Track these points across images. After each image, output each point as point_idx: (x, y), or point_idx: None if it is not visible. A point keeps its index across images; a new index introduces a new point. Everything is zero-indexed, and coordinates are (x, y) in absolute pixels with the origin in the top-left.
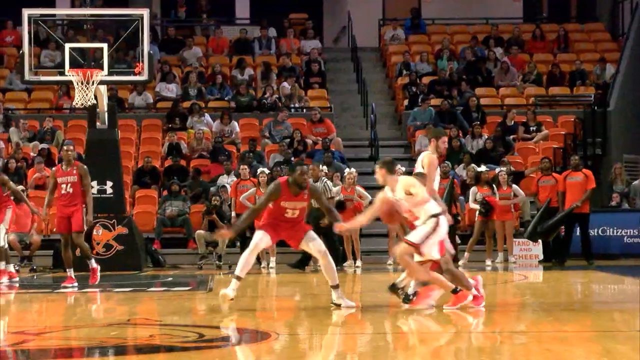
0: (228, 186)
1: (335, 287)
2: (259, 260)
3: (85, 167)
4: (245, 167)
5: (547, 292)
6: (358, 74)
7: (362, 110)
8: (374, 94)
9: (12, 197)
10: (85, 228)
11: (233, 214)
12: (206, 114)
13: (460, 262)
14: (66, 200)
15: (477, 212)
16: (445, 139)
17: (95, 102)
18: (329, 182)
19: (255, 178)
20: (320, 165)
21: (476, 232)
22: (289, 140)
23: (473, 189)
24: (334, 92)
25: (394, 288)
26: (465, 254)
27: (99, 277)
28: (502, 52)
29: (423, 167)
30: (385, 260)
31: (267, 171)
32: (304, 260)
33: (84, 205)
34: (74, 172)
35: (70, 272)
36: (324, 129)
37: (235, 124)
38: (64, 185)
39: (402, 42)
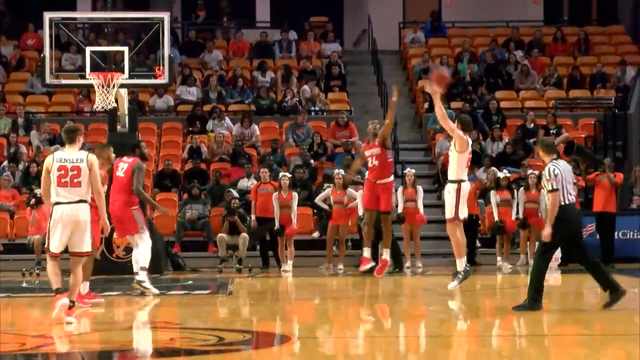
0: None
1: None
2: (279, 263)
3: None
4: (266, 170)
5: (567, 295)
6: (378, 77)
7: (383, 113)
8: None
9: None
10: None
11: (252, 217)
12: (226, 118)
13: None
14: None
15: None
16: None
17: (115, 105)
18: None
19: (276, 181)
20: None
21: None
22: (309, 143)
23: (492, 192)
24: (354, 95)
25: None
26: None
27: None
28: (522, 55)
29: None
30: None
31: (288, 175)
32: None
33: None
34: None
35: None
36: (348, 133)
37: (256, 127)
38: None
39: (423, 45)
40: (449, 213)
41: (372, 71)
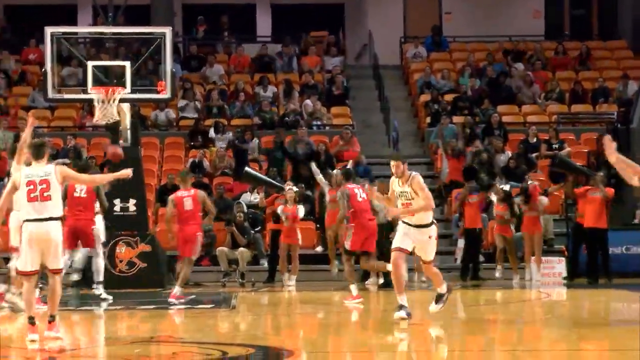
0: (243, 203)
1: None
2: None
3: None
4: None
5: (570, 310)
6: (380, 92)
7: (385, 127)
8: (396, 112)
9: None
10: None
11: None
12: (228, 132)
13: None
14: None
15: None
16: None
17: (117, 118)
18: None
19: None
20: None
21: (498, 247)
22: (313, 157)
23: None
24: (356, 110)
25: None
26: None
27: None
28: (523, 68)
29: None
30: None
31: (295, 188)
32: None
33: None
34: None
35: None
36: (350, 147)
37: (257, 141)
38: None
39: (424, 59)
40: (432, 256)
41: (374, 86)
